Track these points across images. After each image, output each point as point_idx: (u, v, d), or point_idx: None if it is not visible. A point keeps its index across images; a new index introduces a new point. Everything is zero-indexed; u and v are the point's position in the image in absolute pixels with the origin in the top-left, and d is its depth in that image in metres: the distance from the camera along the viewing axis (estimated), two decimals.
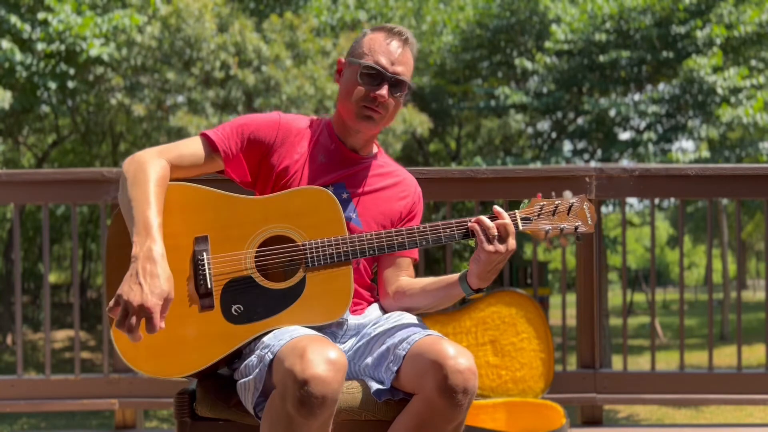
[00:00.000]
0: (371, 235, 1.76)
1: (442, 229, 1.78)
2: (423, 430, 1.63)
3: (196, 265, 1.71)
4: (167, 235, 1.68)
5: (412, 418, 1.64)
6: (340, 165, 1.92)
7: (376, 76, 1.84)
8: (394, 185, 1.98)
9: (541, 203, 1.81)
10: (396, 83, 1.86)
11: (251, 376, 1.63)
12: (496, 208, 1.76)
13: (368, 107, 1.85)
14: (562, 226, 1.79)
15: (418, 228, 1.78)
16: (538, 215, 1.80)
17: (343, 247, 1.75)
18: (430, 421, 1.62)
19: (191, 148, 1.85)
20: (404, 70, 1.87)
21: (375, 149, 2.01)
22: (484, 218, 1.75)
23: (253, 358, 1.66)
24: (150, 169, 1.73)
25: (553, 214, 1.79)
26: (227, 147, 1.85)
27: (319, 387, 1.47)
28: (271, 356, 1.59)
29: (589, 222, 1.80)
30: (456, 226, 1.78)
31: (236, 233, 1.75)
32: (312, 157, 1.90)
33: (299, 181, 1.86)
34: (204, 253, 1.72)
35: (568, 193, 1.81)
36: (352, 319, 1.87)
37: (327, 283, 1.74)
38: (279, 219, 1.77)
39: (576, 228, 1.79)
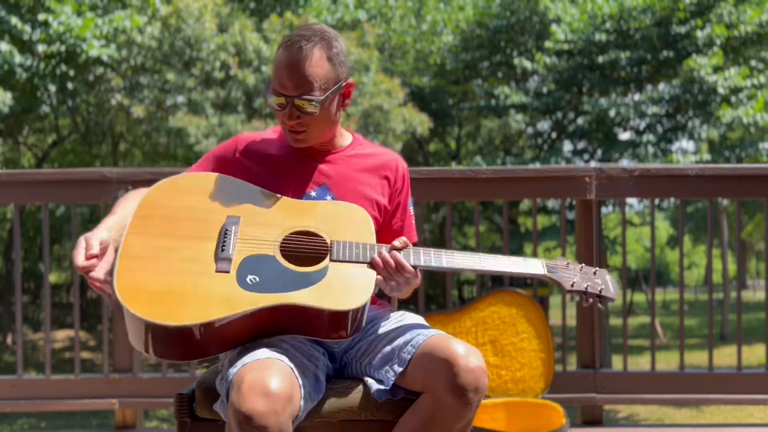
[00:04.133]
0: (411, 249, 1.77)
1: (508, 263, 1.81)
2: (431, 429, 1.63)
3: (224, 234, 1.72)
4: (200, 209, 1.76)
5: (421, 416, 1.64)
6: (315, 167, 1.90)
7: (281, 101, 1.79)
8: (375, 169, 1.95)
9: (566, 262, 1.86)
10: (299, 102, 1.77)
11: (221, 393, 1.67)
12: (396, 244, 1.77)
13: (291, 131, 1.83)
14: (586, 284, 1.81)
15: (451, 254, 1.79)
16: (567, 265, 1.84)
17: (370, 252, 1.75)
18: (440, 419, 1.62)
19: None
20: (300, 83, 1.75)
21: (349, 138, 1.99)
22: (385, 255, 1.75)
23: (223, 366, 1.70)
24: (136, 195, 1.88)
25: (580, 271, 1.84)
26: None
27: (256, 421, 1.47)
28: (230, 378, 1.60)
29: (612, 290, 1.83)
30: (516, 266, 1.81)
31: (268, 221, 1.77)
32: (281, 167, 1.89)
33: (275, 186, 1.85)
34: (233, 226, 1.74)
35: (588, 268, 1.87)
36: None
37: (349, 277, 1.72)
38: (312, 219, 1.79)
39: (600, 291, 1.82)
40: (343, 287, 1.70)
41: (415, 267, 1.75)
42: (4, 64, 10.63)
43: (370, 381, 1.74)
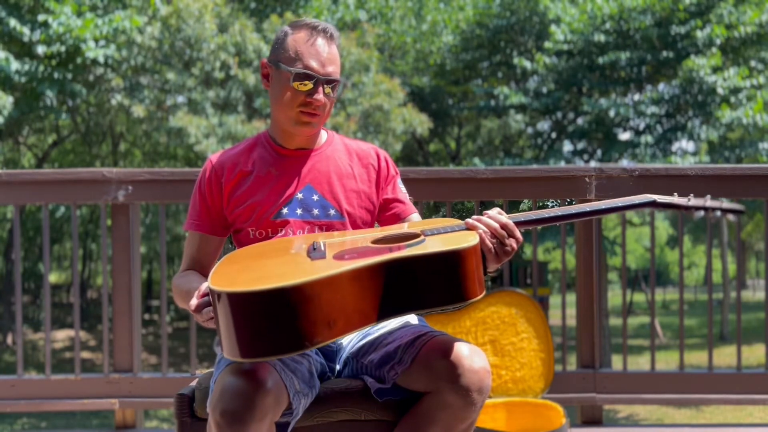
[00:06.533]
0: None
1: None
2: (434, 429, 1.63)
3: (312, 246, 1.65)
4: (286, 249, 1.67)
5: (423, 416, 1.64)
6: (297, 168, 1.90)
7: (310, 80, 1.80)
8: (355, 163, 1.96)
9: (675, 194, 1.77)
10: (329, 84, 1.83)
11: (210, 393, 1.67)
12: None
13: (306, 112, 1.83)
14: (705, 201, 1.72)
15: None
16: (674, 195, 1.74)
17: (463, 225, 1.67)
18: (443, 419, 1.62)
19: (194, 245, 1.95)
20: (335, 68, 1.83)
21: (325, 136, 1.99)
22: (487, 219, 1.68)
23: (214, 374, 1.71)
24: (176, 281, 1.89)
25: (692, 197, 1.74)
26: (202, 223, 1.93)
27: (232, 422, 1.47)
28: (214, 379, 1.61)
29: (735, 205, 1.74)
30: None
31: (353, 240, 1.70)
32: (262, 175, 1.89)
33: (262, 200, 1.85)
34: (321, 242, 1.67)
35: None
36: None
37: (449, 237, 1.61)
38: (394, 229, 1.76)
39: (722, 205, 1.73)
40: (447, 240, 1.58)
41: (516, 224, 1.66)
42: (1, 72, 10.62)
43: (370, 380, 1.74)
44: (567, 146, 17.21)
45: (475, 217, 1.67)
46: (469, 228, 1.65)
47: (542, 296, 18.81)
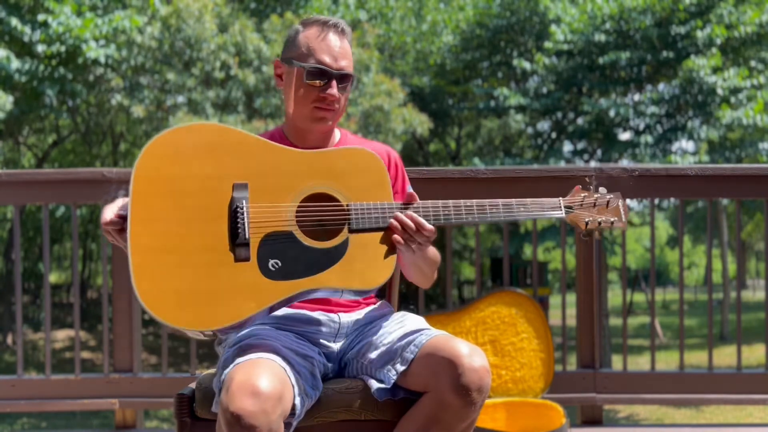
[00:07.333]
0: (418, 204, 1.75)
1: (481, 208, 1.81)
2: (434, 429, 1.63)
3: (235, 213, 1.62)
4: (202, 177, 1.63)
5: (423, 416, 1.64)
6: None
7: (323, 75, 1.81)
8: None
9: (583, 194, 1.84)
10: (342, 78, 1.83)
11: (216, 393, 1.66)
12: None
13: (320, 108, 1.83)
14: (600, 219, 1.83)
15: (468, 203, 1.81)
16: (581, 205, 1.83)
17: (389, 213, 1.71)
18: (442, 419, 1.62)
19: None
20: (347, 62, 1.84)
21: (338, 135, 1.99)
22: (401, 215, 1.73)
23: (219, 366, 1.69)
24: None
25: (593, 206, 1.84)
26: None
27: (245, 420, 1.46)
28: (222, 378, 1.61)
29: (623, 219, 1.85)
30: (504, 207, 1.80)
31: (278, 184, 1.67)
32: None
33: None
34: (243, 201, 1.63)
35: (603, 189, 1.86)
36: (345, 317, 1.86)
37: (371, 249, 1.68)
38: (323, 176, 1.70)
39: (612, 223, 1.84)
40: (367, 261, 1.66)
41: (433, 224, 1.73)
42: (1, 70, 10.62)
43: (370, 380, 1.74)
44: (567, 146, 17.23)
45: (398, 218, 1.70)
46: (391, 228, 1.70)
47: (542, 296, 18.81)
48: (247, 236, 1.60)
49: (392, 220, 1.70)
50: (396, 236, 1.69)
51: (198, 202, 1.62)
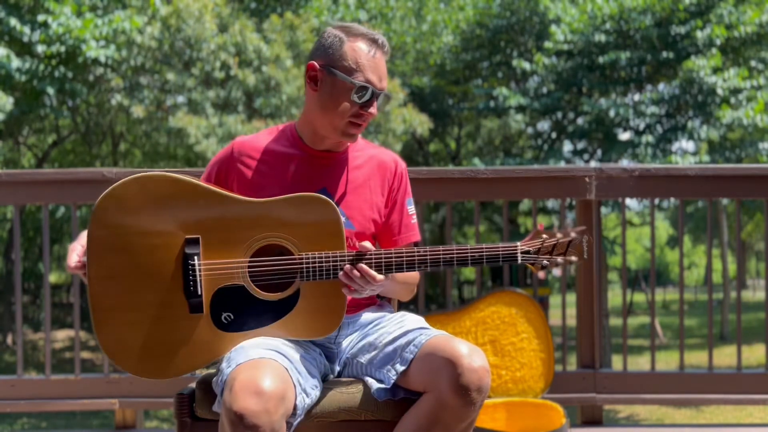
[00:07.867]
0: (370, 254, 1.72)
1: (442, 253, 1.75)
2: (434, 429, 1.63)
3: (186, 269, 1.69)
4: (155, 233, 1.69)
5: (423, 416, 1.64)
6: (316, 170, 1.88)
7: (369, 93, 1.80)
8: (374, 172, 1.94)
9: (543, 236, 1.80)
10: (382, 97, 1.84)
11: (218, 393, 1.67)
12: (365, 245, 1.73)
13: (355, 123, 1.82)
14: (558, 261, 1.81)
15: (421, 251, 1.75)
16: (538, 251, 1.79)
17: (341, 263, 1.71)
18: (442, 419, 1.62)
19: None
20: (386, 82, 1.86)
21: None
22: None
23: (221, 366, 1.69)
24: None
25: (552, 249, 1.81)
26: None
27: (247, 420, 1.48)
28: (224, 378, 1.61)
29: (585, 256, 1.83)
30: (443, 253, 1.75)
31: (229, 237, 1.71)
32: (282, 166, 1.87)
33: (273, 193, 1.82)
34: (195, 258, 1.69)
35: (569, 223, 1.85)
36: (345, 318, 1.85)
37: (321, 299, 1.72)
38: (275, 226, 1.73)
39: (570, 262, 1.83)
40: (316, 313, 1.72)
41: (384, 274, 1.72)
42: (1, 69, 10.62)
43: (370, 380, 1.74)
44: (567, 146, 17.22)
45: (346, 271, 1.69)
46: (340, 278, 1.70)
47: (542, 296, 18.79)
48: (199, 292, 1.69)
49: (341, 274, 1.71)
50: (344, 287, 1.72)
51: (152, 258, 1.69)
